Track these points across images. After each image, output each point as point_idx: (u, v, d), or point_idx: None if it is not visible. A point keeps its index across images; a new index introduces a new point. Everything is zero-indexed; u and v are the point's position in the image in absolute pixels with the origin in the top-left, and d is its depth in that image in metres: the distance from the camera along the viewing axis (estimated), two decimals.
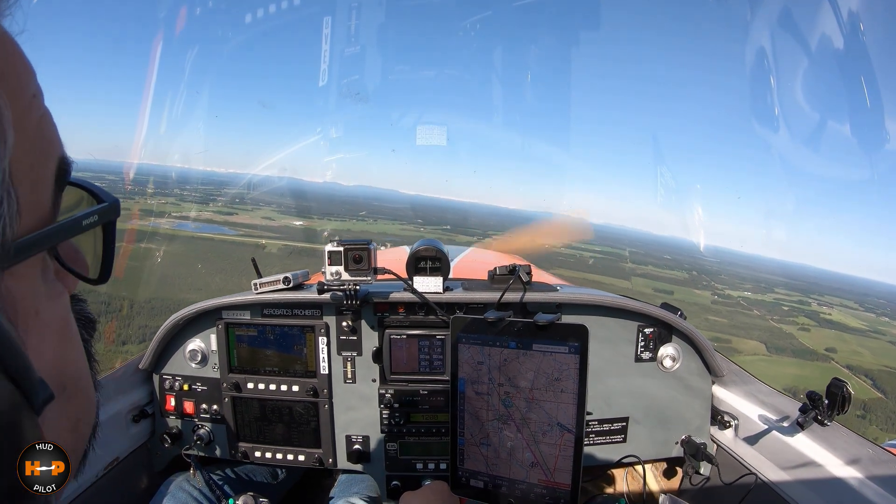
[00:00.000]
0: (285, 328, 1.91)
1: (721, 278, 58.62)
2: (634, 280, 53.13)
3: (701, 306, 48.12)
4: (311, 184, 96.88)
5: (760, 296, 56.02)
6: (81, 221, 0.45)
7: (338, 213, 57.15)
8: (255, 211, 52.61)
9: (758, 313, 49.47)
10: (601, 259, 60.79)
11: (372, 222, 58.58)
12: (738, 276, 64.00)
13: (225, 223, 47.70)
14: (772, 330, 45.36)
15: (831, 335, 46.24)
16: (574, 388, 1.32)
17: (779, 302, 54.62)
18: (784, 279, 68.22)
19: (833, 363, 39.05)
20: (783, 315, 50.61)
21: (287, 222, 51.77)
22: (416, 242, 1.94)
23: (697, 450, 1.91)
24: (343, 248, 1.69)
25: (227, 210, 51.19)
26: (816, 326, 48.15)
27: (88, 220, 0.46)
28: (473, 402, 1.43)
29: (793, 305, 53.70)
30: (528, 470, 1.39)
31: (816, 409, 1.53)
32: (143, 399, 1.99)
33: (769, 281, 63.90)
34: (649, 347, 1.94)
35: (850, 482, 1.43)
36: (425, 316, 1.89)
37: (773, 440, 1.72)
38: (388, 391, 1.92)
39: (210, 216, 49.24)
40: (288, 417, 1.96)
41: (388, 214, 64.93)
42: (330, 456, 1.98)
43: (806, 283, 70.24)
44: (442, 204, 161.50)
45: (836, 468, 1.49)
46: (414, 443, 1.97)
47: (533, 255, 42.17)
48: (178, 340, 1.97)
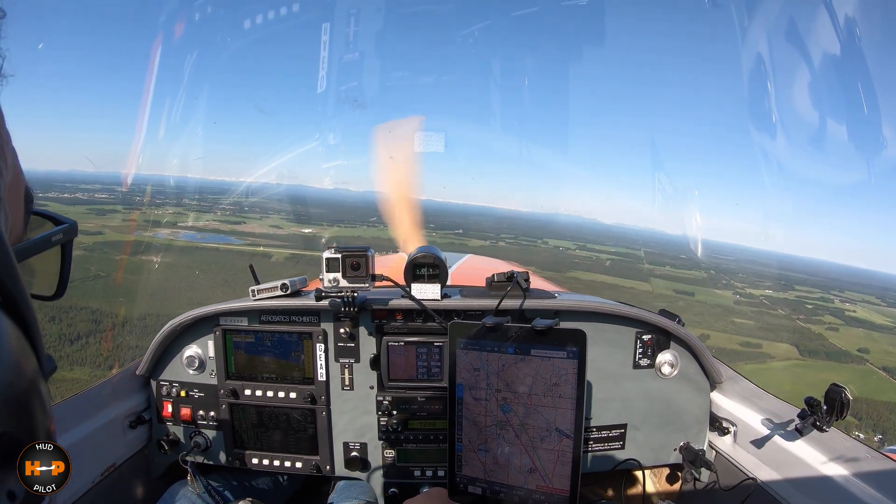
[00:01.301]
0: (283, 335, 1.90)
1: (739, 276, 57.31)
2: (654, 282, 52.27)
3: (724, 308, 47.20)
4: (320, 190, 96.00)
5: (782, 294, 54.68)
6: (51, 238, 0.54)
7: (348, 220, 56.22)
8: (263, 219, 52.05)
9: (783, 312, 48.43)
10: (617, 261, 59.88)
11: (383, 228, 56.71)
12: (756, 273, 62.56)
13: (232, 232, 47.07)
14: (800, 331, 44.30)
15: (860, 334, 45.18)
16: (572, 394, 1.32)
17: (801, 300, 53.32)
18: (802, 275, 66.45)
19: (868, 365, 38.13)
20: (808, 314, 49.55)
21: (296, 230, 51.13)
22: (415, 249, 1.94)
23: (696, 456, 1.91)
24: (341, 255, 1.69)
25: (234, 219, 50.44)
26: (844, 325, 47.03)
27: (56, 238, 0.55)
28: (471, 408, 1.42)
29: (816, 303, 52.42)
30: (527, 476, 1.38)
31: (815, 414, 1.53)
32: (141, 405, 1.98)
33: (788, 278, 62.37)
34: (648, 354, 1.94)
35: (849, 488, 1.43)
36: (423, 323, 1.89)
37: (771, 446, 1.72)
38: (385, 398, 1.92)
39: (217, 226, 48.85)
40: (285, 424, 1.96)
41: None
42: (328, 463, 1.97)
43: (825, 279, 68.73)
44: (451, 208, 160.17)
45: (836, 474, 1.48)
46: (412, 449, 1.96)
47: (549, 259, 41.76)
48: (175, 346, 1.97)
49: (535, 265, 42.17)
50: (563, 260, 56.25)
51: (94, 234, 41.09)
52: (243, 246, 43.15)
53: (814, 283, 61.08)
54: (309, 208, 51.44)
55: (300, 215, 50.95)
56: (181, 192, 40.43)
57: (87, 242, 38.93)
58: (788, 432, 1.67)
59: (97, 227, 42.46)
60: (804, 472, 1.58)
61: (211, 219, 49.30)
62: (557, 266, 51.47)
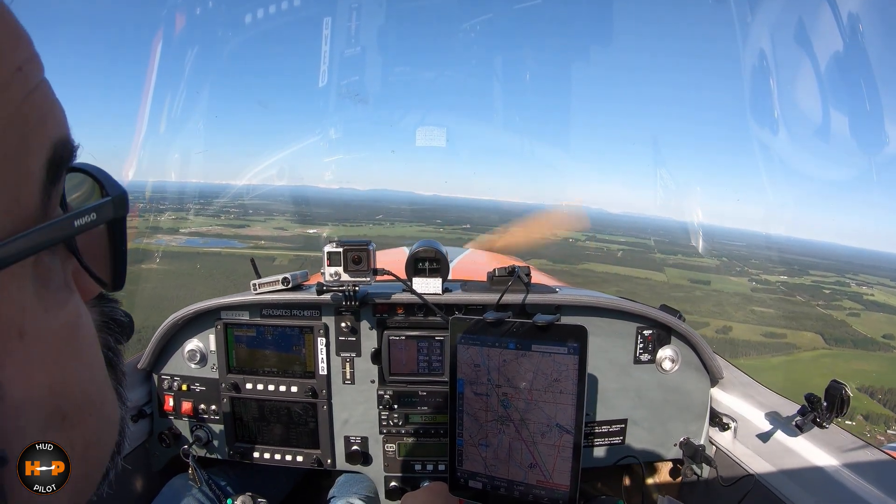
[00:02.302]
0: (284, 329, 1.91)
1: (752, 262, 55.54)
2: (668, 271, 50.86)
3: (742, 296, 45.92)
4: (325, 190, 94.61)
5: (798, 279, 53.10)
6: (73, 222, 0.36)
7: (354, 219, 55.00)
8: (267, 221, 51.20)
9: (801, 299, 47.00)
10: (628, 251, 58.49)
11: (389, 226, 56.72)
12: (768, 258, 60.09)
13: (235, 236, 45.40)
14: (822, 318, 42.92)
15: (882, 319, 44.06)
16: (573, 389, 1.33)
17: (818, 285, 51.41)
18: (814, 259, 63.81)
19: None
20: (827, 300, 47.74)
21: (301, 231, 49.97)
22: (416, 243, 1.94)
23: (696, 451, 1.91)
24: (342, 249, 1.69)
25: (238, 223, 49.03)
26: (864, 310, 45.74)
27: (84, 220, 0.36)
28: (472, 403, 1.43)
29: (833, 288, 50.58)
30: (527, 471, 1.39)
31: (815, 410, 1.53)
32: (142, 399, 1.99)
33: (801, 262, 60.45)
34: (648, 349, 1.94)
35: (848, 485, 1.43)
36: (424, 317, 1.89)
37: (771, 442, 1.72)
38: (386, 392, 1.92)
39: (220, 230, 47.16)
40: (286, 418, 1.96)
41: (405, 217, 62.83)
42: (329, 457, 1.98)
43: (837, 263, 66.62)
44: (457, 203, 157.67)
45: (835, 470, 1.49)
46: (413, 444, 1.97)
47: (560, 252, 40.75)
48: (176, 340, 1.97)
49: (547, 258, 41.30)
50: (575, 252, 54.80)
51: None
52: (245, 249, 42.24)
53: (827, 266, 59.02)
54: (313, 208, 50.80)
55: (305, 216, 50.07)
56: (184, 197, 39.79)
57: None
58: (788, 428, 1.67)
59: None
60: (804, 469, 1.58)
61: (214, 223, 48.11)
62: (569, 258, 50.14)
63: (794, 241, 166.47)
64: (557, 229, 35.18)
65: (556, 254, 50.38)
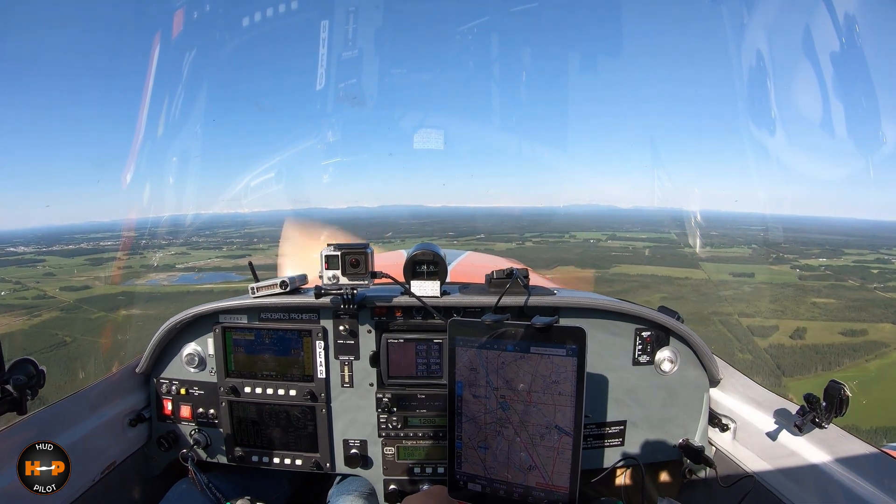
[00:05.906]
0: (282, 332, 1.90)
1: (783, 247, 49.90)
2: (705, 266, 45.17)
3: (795, 287, 41.06)
4: (333, 211, 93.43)
5: (837, 261, 47.50)
6: None
7: (364, 238, 54.05)
8: (270, 249, 49.22)
9: (855, 283, 41.97)
10: (655, 248, 54.17)
11: (399, 243, 53.97)
12: (798, 241, 53.65)
13: (233, 268, 42.47)
14: (890, 304, 37.90)
15: None
16: (572, 391, 1.32)
17: (862, 265, 46.50)
18: (838, 237, 57.68)
19: None
20: (883, 280, 42.57)
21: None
22: (413, 246, 1.94)
23: (696, 452, 1.91)
24: (340, 252, 1.69)
25: (241, 253, 45.66)
26: None
27: None
28: (471, 405, 1.42)
29: (881, 267, 45.55)
30: (526, 473, 1.39)
31: (814, 411, 1.53)
32: (140, 403, 1.98)
33: (831, 242, 54.02)
34: (647, 351, 1.94)
35: (847, 484, 1.43)
36: (423, 320, 1.89)
37: (770, 443, 1.72)
38: (385, 395, 1.92)
39: (218, 262, 44.75)
40: (285, 421, 1.96)
41: (416, 232, 58.89)
42: (328, 460, 1.97)
43: (865, 238, 60.54)
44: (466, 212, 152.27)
45: (834, 470, 1.49)
46: (411, 447, 1.96)
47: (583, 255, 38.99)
48: (175, 344, 1.96)
49: (574, 263, 39.10)
50: (601, 254, 51.15)
51: (79, 289, 38.43)
52: (240, 283, 40.76)
53: (858, 244, 53.40)
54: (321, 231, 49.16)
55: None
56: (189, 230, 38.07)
57: (67, 302, 36.27)
58: (788, 429, 1.67)
59: (86, 280, 39.96)
60: (803, 469, 1.58)
61: (215, 255, 46.08)
62: (598, 262, 46.68)
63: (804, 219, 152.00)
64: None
65: (582, 257, 47.69)
